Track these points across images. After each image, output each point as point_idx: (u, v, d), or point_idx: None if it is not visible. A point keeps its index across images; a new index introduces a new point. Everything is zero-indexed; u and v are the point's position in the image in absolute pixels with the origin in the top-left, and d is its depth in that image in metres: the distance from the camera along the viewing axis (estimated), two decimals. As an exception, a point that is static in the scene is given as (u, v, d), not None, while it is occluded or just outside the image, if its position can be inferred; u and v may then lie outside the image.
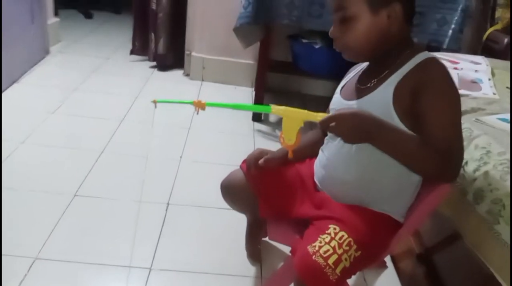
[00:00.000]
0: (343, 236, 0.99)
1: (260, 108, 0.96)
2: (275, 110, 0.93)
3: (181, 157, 2.04)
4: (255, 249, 1.48)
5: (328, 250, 0.96)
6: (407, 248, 1.45)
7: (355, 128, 0.92)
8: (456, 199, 1.06)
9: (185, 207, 1.71)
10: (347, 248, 0.97)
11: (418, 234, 1.43)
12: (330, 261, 0.94)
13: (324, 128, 0.95)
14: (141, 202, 1.68)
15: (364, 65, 1.13)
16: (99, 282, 1.33)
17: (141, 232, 1.53)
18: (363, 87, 1.05)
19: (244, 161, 1.26)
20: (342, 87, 1.15)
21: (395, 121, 0.96)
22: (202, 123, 2.38)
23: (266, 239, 1.44)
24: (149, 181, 1.82)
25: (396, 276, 1.49)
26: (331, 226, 1.02)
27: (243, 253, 1.49)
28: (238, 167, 1.24)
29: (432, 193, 0.98)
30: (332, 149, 1.09)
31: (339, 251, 0.96)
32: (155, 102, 0.97)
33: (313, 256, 0.95)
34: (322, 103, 1.21)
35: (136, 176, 1.85)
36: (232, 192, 1.26)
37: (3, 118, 2.12)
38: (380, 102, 0.98)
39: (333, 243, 0.98)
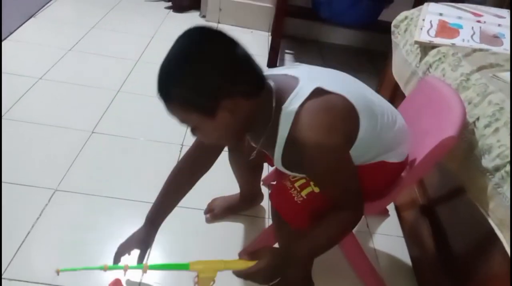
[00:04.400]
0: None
1: (178, 266, 0.93)
2: (193, 266, 0.92)
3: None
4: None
5: (300, 179, 1.01)
6: (411, 199, 1.49)
7: (273, 274, 0.93)
8: (462, 153, 1.07)
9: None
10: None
11: (423, 186, 1.46)
12: (297, 184, 1.00)
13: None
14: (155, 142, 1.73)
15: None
16: (114, 214, 1.40)
17: (154, 170, 1.59)
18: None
19: None
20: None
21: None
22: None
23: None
24: (163, 122, 1.86)
25: (398, 224, 1.55)
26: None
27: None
28: None
29: (436, 145, 0.99)
30: None
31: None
32: (58, 271, 0.95)
33: (283, 181, 1.02)
34: (339, 52, 1.20)
35: (151, 116, 1.89)
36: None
37: (21, 53, 2.15)
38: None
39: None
